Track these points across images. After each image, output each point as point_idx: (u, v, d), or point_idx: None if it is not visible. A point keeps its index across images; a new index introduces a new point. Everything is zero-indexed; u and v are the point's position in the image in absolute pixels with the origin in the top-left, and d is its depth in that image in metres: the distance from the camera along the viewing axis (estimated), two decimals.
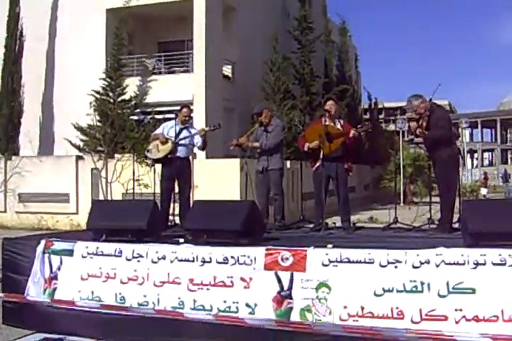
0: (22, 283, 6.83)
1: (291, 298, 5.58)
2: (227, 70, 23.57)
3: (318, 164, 7.99)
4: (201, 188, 15.71)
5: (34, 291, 6.72)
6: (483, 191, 33.95)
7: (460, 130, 52.47)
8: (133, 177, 11.14)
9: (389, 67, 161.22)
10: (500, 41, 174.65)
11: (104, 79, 20.72)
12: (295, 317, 5.55)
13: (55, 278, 6.71)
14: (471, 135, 74.41)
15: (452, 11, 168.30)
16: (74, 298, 6.51)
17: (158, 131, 9.39)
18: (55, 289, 6.69)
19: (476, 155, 69.52)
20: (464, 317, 5.08)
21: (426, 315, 5.18)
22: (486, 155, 73.90)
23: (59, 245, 6.76)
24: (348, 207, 8.33)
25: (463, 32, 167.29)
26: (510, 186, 35.37)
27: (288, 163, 17.71)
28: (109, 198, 17.67)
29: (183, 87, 20.98)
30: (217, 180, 16.25)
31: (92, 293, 6.46)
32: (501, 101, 74.40)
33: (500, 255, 5.08)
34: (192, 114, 10.10)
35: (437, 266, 5.22)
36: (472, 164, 67.60)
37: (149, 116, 19.63)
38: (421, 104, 7.73)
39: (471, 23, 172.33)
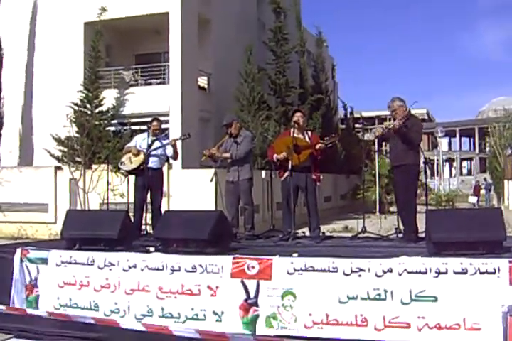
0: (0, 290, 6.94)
1: (257, 306, 5.69)
2: (202, 81, 23.72)
3: (286, 174, 8.13)
4: (176, 198, 15.85)
5: (18, 300, 6.83)
6: (473, 199, 33.89)
7: (437, 139, 52.85)
8: (107, 187, 11.25)
9: (368, 77, 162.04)
10: (478, 49, 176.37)
11: (81, 92, 20.82)
12: (261, 324, 5.67)
13: (36, 285, 6.82)
14: (450, 144, 74.56)
15: (431, 19, 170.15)
16: (54, 305, 6.64)
17: (131, 143, 9.61)
18: (37, 296, 6.80)
19: (454, 164, 69.78)
20: (426, 324, 5.21)
21: (389, 322, 5.31)
22: (464, 164, 74.09)
23: (34, 254, 6.87)
24: (317, 217, 8.41)
25: (441, 41, 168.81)
26: (491, 195, 35.47)
27: (263, 173, 17.84)
28: (86, 208, 17.75)
29: (160, 98, 21.08)
30: (193, 190, 16.38)
31: (70, 299, 6.58)
32: (480, 109, 74.84)
33: (461, 264, 5.21)
34: (165, 125, 10.29)
35: (400, 274, 5.34)
36: (450, 173, 67.90)
37: (126, 127, 19.77)
38: (401, 107, 7.89)
39: (448, 31, 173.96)
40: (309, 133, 8.58)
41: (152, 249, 6.63)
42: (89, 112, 20.59)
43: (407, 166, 7.76)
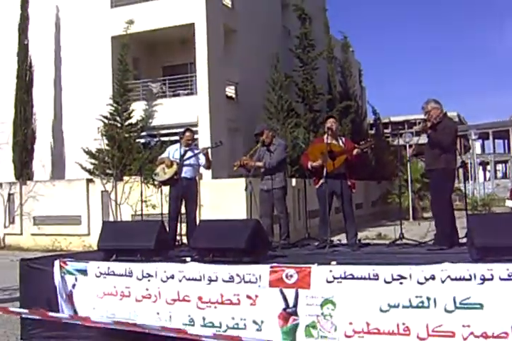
0: (39, 301, 7.01)
1: (296, 315, 5.63)
2: (230, 91, 23.79)
3: (321, 181, 8.08)
4: (208, 208, 15.84)
5: (66, 309, 6.90)
6: (510, 203, 33.27)
7: (470, 142, 52.03)
8: (141, 199, 11.28)
9: (397, 81, 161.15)
10: (509, 50, 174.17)
11: (111, 105, 21.03)
12: (300, 333, 5.60)
13: (71, 296, 6.88)
14: (483, 147, 73.02)
15: (460, 21, 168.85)
16: (90, 316, 6.64)
17: (164, 155, 9.68)
18: (74, 307, 6.87)
19: (488, 167, 68.47)
20: (472, 333, 5.03)
21: (433, 330, 5.16)
22: (498, 167, 72.59)
23: (72, 265, 6.93)
24: (354, 224, 8.35)
25: (471, 41, 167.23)
26: None
27: (293, 181, 17.80)
28: (118, 219, 17.86)
29: (188, 109, 21.18)
30: (224, 199, 16.40)
31: (107, 311, 6.61)
32: None
33: (508, 270, 5.04)
34: (195, 136, 10.33)
35: (443, 281, 5.19)
36: (485, 177, 66.64)
37: (155, 139, 19.85)
38: (435, 109, 7.75)
39: (479, 32, 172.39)
40: (343, 139, 8.54)
41: (188, 259, 6.61)
42: (119, 125, 20.81)
43: (440, 170, 7.62)
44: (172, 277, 6.27)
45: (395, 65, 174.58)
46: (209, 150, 9.72)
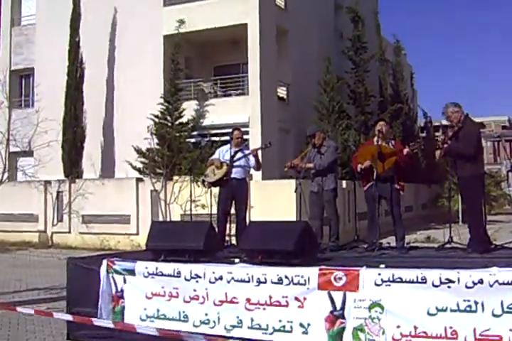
0: (85, 300, 7.13)
1: (343, 318, 5.63)
2: (281, 92, 23.79)
3: (370, 184, 8.06)
4: (257, 209, 15.88)
5: (105, 311, 6.99)
6: None
7: None
8: (190, 199, 11.38)
9: (448, 85, 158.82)
10: None
11: (162, 104, 21.21)
12: (347, 337, 5.60)
13: (122, 296, 6.95)
14: None
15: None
16: (141, 316, 6.76)
17: (215, 156, 9.74)
18: (123, 307, 6.94)
19: None
20: None
21: (480, 335, 5.14)
22: None
23: (120, 265, 7.00)
24: (402, 227, 8.31)
25: None
26: None
27: (344, 183, 17.74)
28: (167, 219, 18.04)
29: (239, 109, 21.24)
30: (274, 200, 16.41)
31: (158, 310, 6.68)
32: None
33: None
34: (244, 136, 10.36)
35: (491, 285, 5.18)
36: None
37: (206, 139, 19.99)
38: (455, 113, 7.70)
39: None
40: (392, 142, 8.50)
41: (237, 260, 6.65)
42: (169, 124, 20.97)
43: (468, 178, 7.60)
44: (220, 278, 6.31)
45: (448, 68, 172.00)
46: (259, 152, 9.75)
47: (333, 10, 28.32)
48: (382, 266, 5.84)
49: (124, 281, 6.94)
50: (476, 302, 5.21)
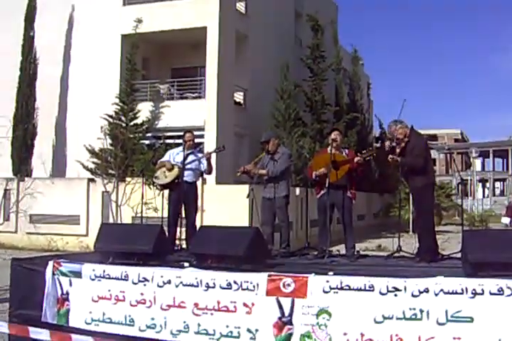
0: (29, 303, 6.98)
1: (291, 324, 5.63)
2: (238, 97, 23.79)
3: (323, 192, 8.10)
4: (210, 213, 15.84)
5: (49, 313, 6.85)
6: (505, 220, 33.44)
7: (471, 159, 52.54)
8: (142, 201, 11.27)
9: (403, 96, 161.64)
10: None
11: (116, 104, 20.99)
12: None
13: (67, 299, 6.82)
14: (483, 164, 74.40)
15: (465, 42, 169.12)
16: (86, 319, 6.64)
17: (165, 158, 9.64)
18: (68, 310, 6.81)
19: (487, 184, 69.32)
20: None
21: None
22: (497, 184, 73.60)
23: (67, 267, 6.87)
24: (352, 235, 8.36)
25: (477, 61, 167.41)
26: None
27: (297, 190, 17.80)
28: (118, 221, 17.84)
29: (195, 112, 21.13)
30: (226, 205, 16.40)
31: (104, 314, 6.57)
32: None
33: (497, 285, 5.14)
34: (199, 139, 10.31)
35: (436, 294, 5.27)
36: (483, 193, 67.30)
37: (160, 141, 19.87)
38: (400, 129, 7.79)
39: (484, 52, 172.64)
40: (346, 150, 8.56)
41: (186, 264, 6.61)
42: (123, 125, 20.74)
43: (417, 188, 7.74)
44: (169, 282, 6.25)
45: (403, 80, 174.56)
46: (212, 155, 9.71)
47: (294, 18, 28.45)
48: (331, 273, 5.86)
49: (70, 284, 6.81)
50: (421, 311, 5.28)
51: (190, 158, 9.36)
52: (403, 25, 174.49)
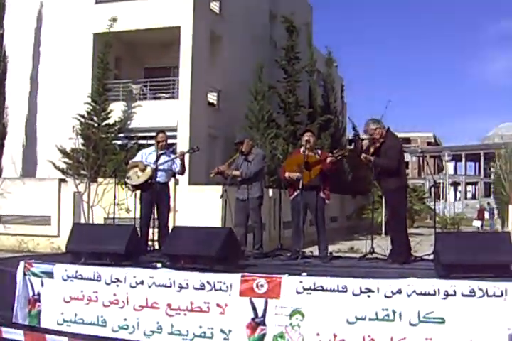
0: (0, 304, 6.89)
1: (264, 325, 5.64)
2: (212, 97, 23.71)
3: (296, 193, 8.10)
4: (182, 214, 15.79)
5: (21, 314, 6.77)
6: (477, 223, 34.01)
7: (444, 163, 53.06)
8: (114, 202, 11.16)
9: (377, 98, 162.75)
10: (485, 76, 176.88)
11: (88, 103, 20.74)
12: None
13: (38, 300, 6.76)
14: (455, 168, 75.15)
15: (439, 44, 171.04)
16: (58, 320, 6.58)
17: (137, 158, 9.55)
18: (39, 311, 6.74)
19: (459, 187, 70.04)
20: None
21: None
22: (469, 188, 74.45)
23: (38, 267, 6.80)
24: (325, 236, 8.37)
25: (450, 65, 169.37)
26: (494, 219, 35.53)
27: (270, 192, 17.80)
28: (90, 222, 17.69)
29: (168, 113, 21.01)
30: (199, 206, 16.35)
31: (76, 315, 6.51)
32: (486, 135, 75.42)
33: (469, 286, 5.20)
34: (172, 140, 10.24)
35: (409, 295, 5.31)
36: (455, 197, 67.99)
37: (133, 141, 19.73)
38: (377, 129, 7.82)
39: (456, 57, 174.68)
40: (319, 151, 8.56)
41: (159, 265, 6.57)
42: (95, 125, 20.51)
43: (390, 190, 7.76)
44: (141, 283, 6.23)
45: (377, 83, 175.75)
46: (186, 155, 9.65)
47: (268, 19, 28.45)
48: (304, 274, 5.88)
49: (42, 284, 6.75)
50: (394, 312, 5.33)
51: (163, 158, 9.30)
52: (377, 27, 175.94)
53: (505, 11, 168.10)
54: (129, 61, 24.28)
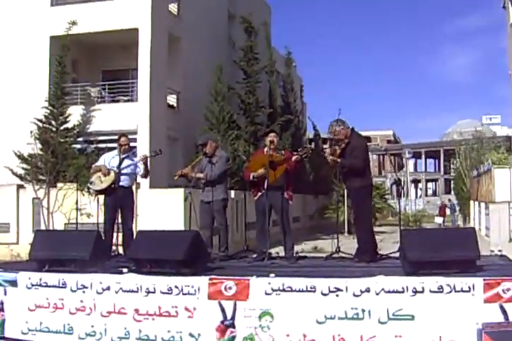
0: None
1: (234, 327, 5.63)
2: (171, 100, 23.56)
3: (260, 194, 8.08)
4: (144, 218, 15.64)
5: None
6: (439, 220, 34.37)
7: (404, 160, 53.58)
8: (76, 207, 10.99)
9: (336, 98, 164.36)
10: (442, 74, 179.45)
11: (46, 108, 20.36)
12: None
13: (2, 309, 6.65)
14: (415, 165, 75.90)
15: (399, 46, 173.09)
16: (22, 329, 6.47)
17: (100, 162, 9.40)
18: (3, 320, 6.63)
19: (420, 185, 70.80)
20: None
21: None
22: (429, 185, 75.31)
23: (1, 276, 6.69)
24: (291, 237, 8.37)
25: (407, 64, 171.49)
26: (455, 216, 35.96)
27: (232, 193, 17.75)
28: (50, 228, 17.41)
29: (127, 116, 20.75)
30: (161, 209, 16.22)
31: (41, 323, 6.41)
32: (445, 132, 76.33)
33: (437, 282, 5.27)
34: (132, 143, 10.13)
35: (377, 294, 5.36)
36: (416, 194, 68.71)
37: (92, 145, 19.48)
38: (342, 130, 7.85)
39: (413, 55, 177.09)
40: (282, 151, 8.56)
41: (125, 270, 6.48)
42: (54, 129, 20.12)
43: (355, 189, 7.81)
44: (108, 289, 6.16)
45: (336, 83, 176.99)
46: (148, 159, 9.55)
47: (227, 19, 28.42)
48: (272, 275, 5.87)
49: (5, 293, 6.63)
50: (363, 310, 5.38)
51: (126, 162, 9.19)
52: (333, 26, 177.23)
53: (461, 8, 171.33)
54: (87, 64, 23.93)
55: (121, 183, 9.03)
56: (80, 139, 20.61)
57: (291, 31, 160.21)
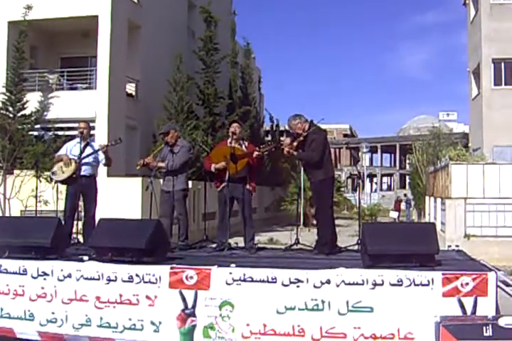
0: None
1: (194, 316, 5.68)
2: (130, 88, 23.43)
3: (223, 185, 8.12)
4: (102, 206, 15.50)
5: None
6: (394, 214, 34.79)
7: (360, 154, 54.06)
8: (36, 194, 10.85)
9: (295, 90, 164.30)
10: (400, 70, 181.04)
11: (3, 94, 20.14)
12: (198, 334, 5.66)
13: None
14: (371, 159, 76.28)
15: (358, 40, 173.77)
16: None
17: (62, 151, 9.27)
18: None
19: (375, 179, 71.37)
20: (362, 335, 5.37)
21: (326, 332, 5.42)
22: (385, 179, 75.92)
23: None
24: (252, 228, 8.45)
25: (366, 59, 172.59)
26: (411, 210, 36.43)
27: (190, 183, 17.73)
28: (7, 215, 17.18)
29: (86, 103, 20.64)
30: (118, 198, 16.11)
31: (2, 309, 6.38)
32: (401, 127, 77.04)
33: (397, 276, 5.39)
34: (92, 130, 10.02)
35: (337, 285, 5.45)
36: (371, 188, 69.34)
37: (50, 132, 19.26)
38: (299, 124, 7.91)
39: (373, 50, 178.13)
40: (245, 143, 8.61)
41: (86, 257, 6.47)
42: (11, 115, 19.94)
43: (319, 181, 7.84)
44: (69, 276, 6.16)
45: (295, 76, 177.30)
46: (107, 148, 9.46)
47: (187, 9, 28.28)
48: (233, 265, 5.92)
49: None
50: (323, 302, 5.47)
51: (88, 150, 9.09)
52: (295, 21, 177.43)
53: (421, 4, 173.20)
54: (46, 50, 23.66)
55: (82, 172, 8.92)
56: (38, 126, 20.41)
57: (253, 22, 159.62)
